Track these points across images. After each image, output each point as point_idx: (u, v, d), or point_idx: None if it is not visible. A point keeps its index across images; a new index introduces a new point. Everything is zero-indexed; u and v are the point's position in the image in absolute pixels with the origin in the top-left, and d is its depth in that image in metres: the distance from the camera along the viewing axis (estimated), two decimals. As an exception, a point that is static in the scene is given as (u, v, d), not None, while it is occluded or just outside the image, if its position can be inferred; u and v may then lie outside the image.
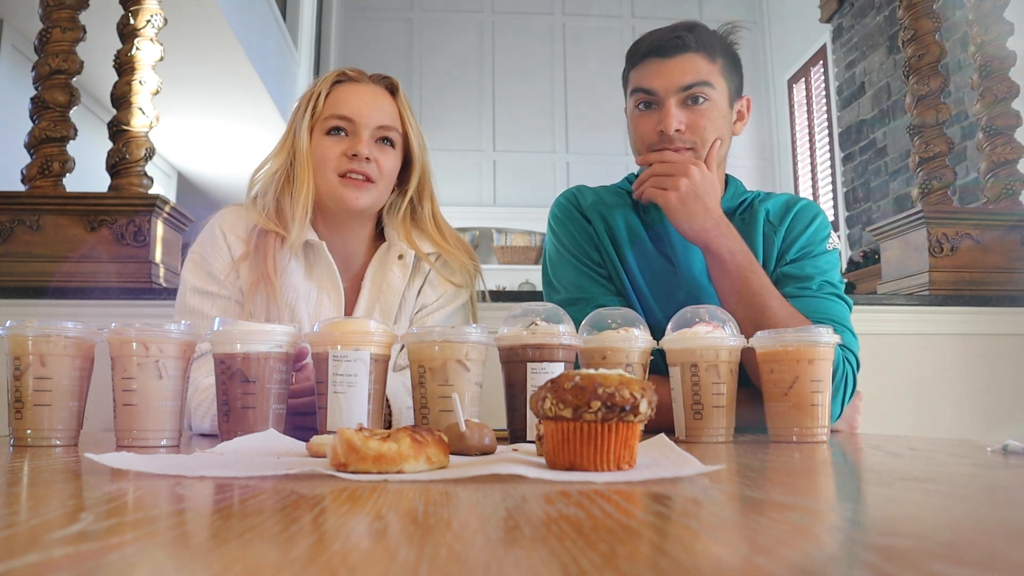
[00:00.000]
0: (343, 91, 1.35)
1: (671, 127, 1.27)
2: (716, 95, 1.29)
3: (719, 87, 1.30)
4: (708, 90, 1.28)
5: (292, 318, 1.29)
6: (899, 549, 0.35)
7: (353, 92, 1.35)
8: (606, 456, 0.58)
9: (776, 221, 1.35)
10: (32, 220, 2.02)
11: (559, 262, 1.38)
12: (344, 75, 1.38)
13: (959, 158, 4.22)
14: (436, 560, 0.31)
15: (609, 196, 1.41)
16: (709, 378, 0.98)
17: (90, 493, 0.53)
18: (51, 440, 0.90)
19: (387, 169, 1.34)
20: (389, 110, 1.36)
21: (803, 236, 1.33)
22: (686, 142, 1.28)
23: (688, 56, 1.28)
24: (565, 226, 1.39)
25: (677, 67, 1.28)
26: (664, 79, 1.28)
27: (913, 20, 2.43)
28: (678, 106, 1.28)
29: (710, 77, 1.28)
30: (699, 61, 1.29)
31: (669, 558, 0.32)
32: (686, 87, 1.28)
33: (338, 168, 1.31)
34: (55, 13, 2.13)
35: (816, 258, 1.31)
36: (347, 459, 0.57)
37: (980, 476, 0.63)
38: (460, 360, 0.92)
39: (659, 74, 1.29)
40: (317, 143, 1.33)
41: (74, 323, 0.93)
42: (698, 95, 1.28)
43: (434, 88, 7.46)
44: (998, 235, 2.28)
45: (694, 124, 1.28)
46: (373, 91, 1.37)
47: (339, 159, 1.31)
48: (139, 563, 0.32)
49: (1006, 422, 2.07)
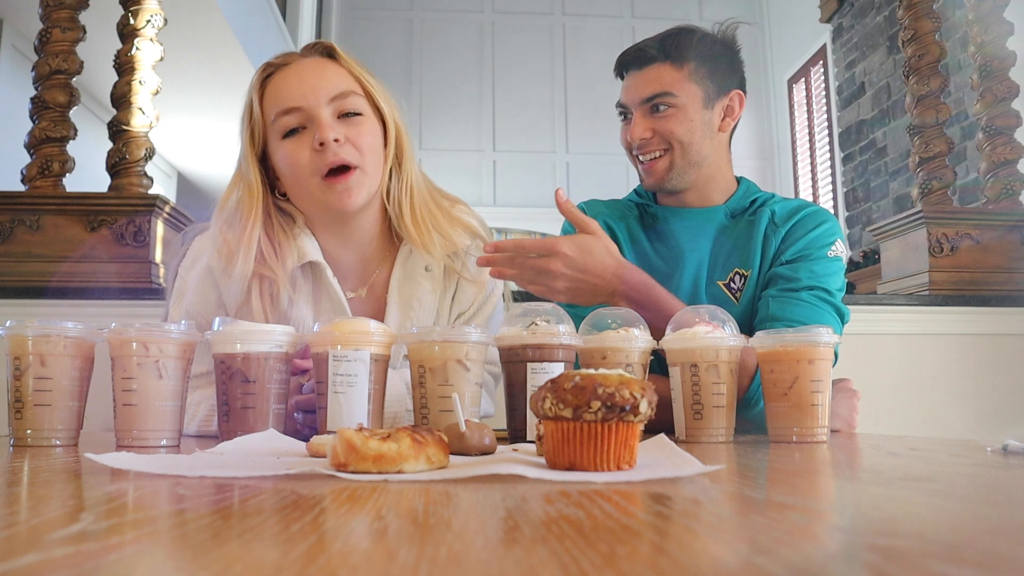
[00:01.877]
0: (276, 83, 1.16)
1: (635, 137, 1.34)
2: (680, 101, 1.32)
3: (686, 93, 1.32)
4: (671, 99, 1.32)
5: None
6: (899, 549, 0.35)
7: (287, 76, 1.16)
8: (606, 456, 0.58)
9: (780, 223, 1.35)
10: (32, 220, 2.02)
11: None
12: (270, 65, 1.18)
13: (959, 158, 4.22)
14: (436, 560, 0.31)
15: (615, 209, 1.46)
16: (709, 378, 0.98)
17: (90, 493, 0.53)
18: (51, 440, 0.90)
19: (366, 144, 1.14)
20: (336, 75, 1.15)
21: (803, 240, 1.33)
22: (655, 149, 1.34)
23: (653, 67, 1.34)
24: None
25: (641, 79, 1.34)
26: (631, 92, 1.36)
27: (913, 20, 2.43)
28: (643, 116, 1.34)
29: (674, 85, 1.32)
30: (664, 71, 1.33)
31: (669, 558, 0.32)
32: (647, 99, 1.33)
33: (314, 169, 1.12)
34: (55, 13, 2.13)
35: (812, 262, 1.30)
36: (347, 459, 0.57)
37: (980, 476, 0.63)
38: (460, 360, 0.92)
39: (627, 88, 1.37)
40: (280, 154, 1.14)
41: (74, 323, 0.93)
42: (660, 104, 1.32)
43: (434, 88, 7.47)
44: (998, 235, 2.28)
45: (660, 129, 1.33)
46: (308, 65, 1.16)
47: (311, 158, 1.12)
48: (139, 563, 0.32)
49: (1006, 422, 2.07)
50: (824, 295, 1.28)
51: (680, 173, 1.35)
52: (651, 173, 1.36)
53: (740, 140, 1.52)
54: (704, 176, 1.37)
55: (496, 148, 7.58)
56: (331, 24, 7.46)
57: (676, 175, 1.35)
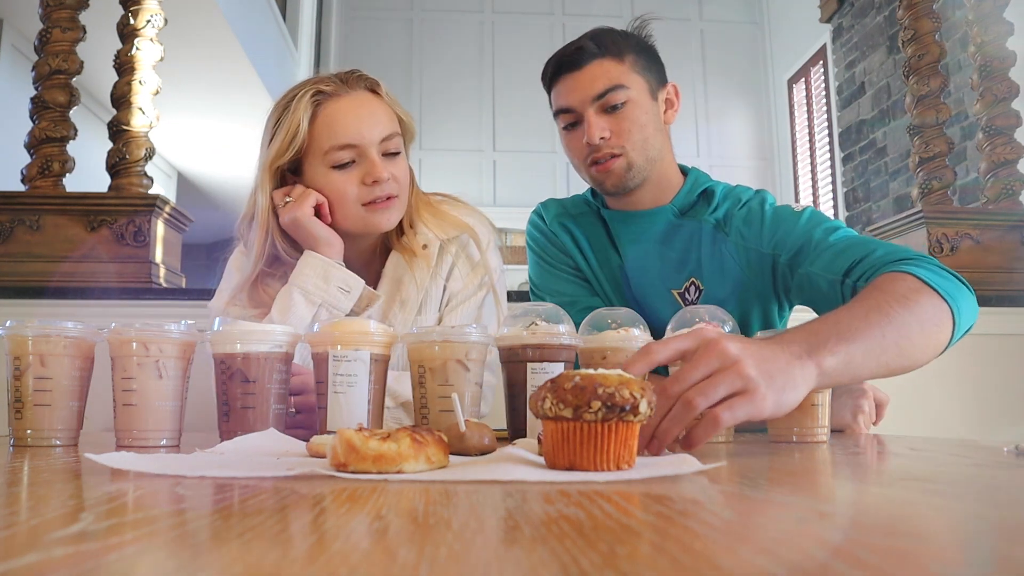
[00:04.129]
0: (331, 113, 1.22)
1: (595, 137, 1.27)
2: (634, 94, 1.28)
3: (635, 85, 1.28)
4: (623, 92, 1.27)
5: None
6: (899, 549, 0.35)
7: (343, 111, 1.22)
8: (606, 456, 0.58)
9: (729, 230, 1.30)
10: (32, 220, 2.02)
11: (540, 274, 1.44)
12: (320, 92, 1.23)
13: (959, 158, 4.22)
14: (436, 560, 0.31)
15: (573, 206, 1.44)
16: (709, 378, 0.97)
17: (90, 493, 0.53)
18: (51, 440, 0.90)
19: (403, 178, 1.26)
20: (385, 117, 1.25)
21: (777, 234, 1.25)
22: (614, 148, 1.28)
23: (595, 63, 1.28)
24: (538, 241, 1.45)
25: (587, 76, 1.28)
26: (577, 92, 1.29)
27: (913, 20, 2.43)
28: (597, 114, 1.28)
29: (622, 78, 1.27)
30: (607, 65, 1.28)
31: (669, 558, 0.32)
32: (599, 95, 1.27)
33: (361, 199, 1.22)
34: (55, 13, 2.13)
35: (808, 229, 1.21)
36: (347, 459, 0.57)
37: (980, 476, 0.63)
38: (460, 360, 0.92)
39: (571, 88, 1.30)
40: (327, 181, 1.22)
41: (74, 323, 0.93)
42: (614, 101, 1.27)
43: (434, 88, 7.47)
44: (998, 235, 2.28)
45: (618, 129, 1.28)
46: (360, 102, 1.24)
47: (359, 190, 1.22)
48: (139, 563, 0.32)
49: (1006, 422, 2.07)
50: (845, 231, 1.20)
51: (639, 171, 1.30)
52: (610, 174, 1.30)
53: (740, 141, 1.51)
54: (656, 173, 1.33)
55: (496, 148, 7.58)
56: (331, 24, 7.46)
57: (636, 174, 1.30)
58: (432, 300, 1.31)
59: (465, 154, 7.44)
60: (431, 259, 1.30)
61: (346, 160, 1.22)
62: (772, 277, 1.27)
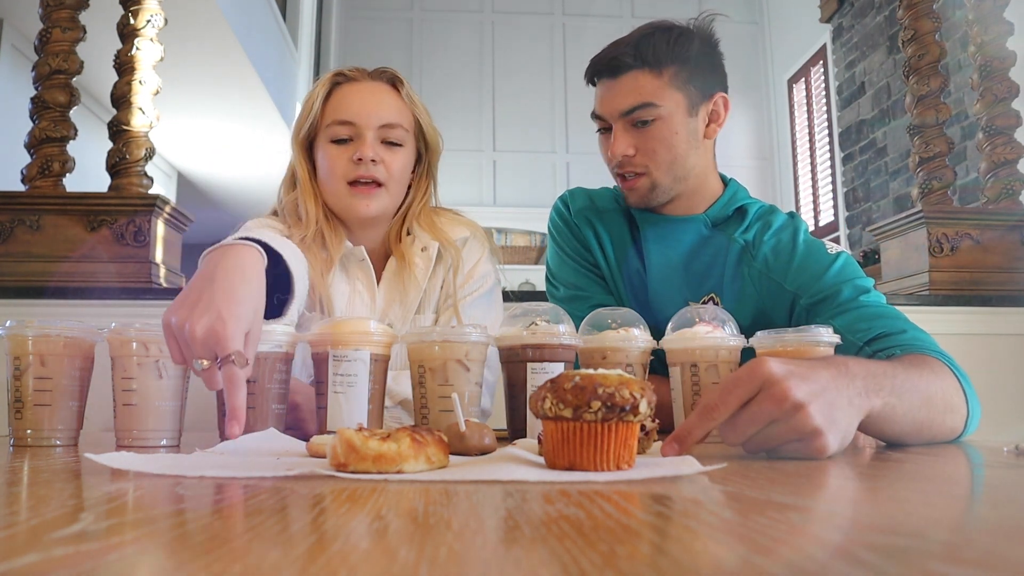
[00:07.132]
0: (342, 93, 1.30)
1: (618, 153, 1.24)
2: (665, 111, 1.22)
3: (669, 101, 1.22)
4: (653, 110, 1.22)
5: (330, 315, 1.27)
6: (899, 549, 0.35)
7: (352, 92, 1.30)
8: (606, 456, 0.58)
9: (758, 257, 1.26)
10: (32, 220, 2.02)
11: (558, 262, 1.42)
12: (342, 75, 1.32)
13: (959, 158, 4.22)
14: (436, 560, 0.31)
15: (601, 200, 1.41)
16: (709, 378, 0.98)
17: (90, 493, 0.53)
18: (51, 440, 0.90)
19: (396, 170, 1.28)
20: (393, 106, 1.30)
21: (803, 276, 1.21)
22: (637, 167, 1.25)
23: (630, 75, 1.22)
24: (559, 229, 1.42)
25: (619, 89, 1.23)
26: (608, 104, 1.25)
27: (913, 20, 2.43)
28: (624, 130, 1.24)
29: (655, 95, 1.21)
30: (642, 78, 1.22)
31: (669, 558, 0.32)
32: (628, 111, 1.22)
33: (346, 175, 1.26)
34: (55, 13, 2.13)
35: (838, 283, 1.18)
36: (347, 459, 0.57)
37: (980, 476, 0.63)
38: (460, 360, 0.92)
39: (604, 98, 1.26)
40: (324, 153, 1.29)
41: (74, 323, 0.93)
42: (642, 118, 1.22)
43: (434, 88, 7.46)
44: (998, 235, 2.28)
45: (644, 147, 1.23)
46: (373, 89, 1.31)
47: (346, 166, 1.26)
48: (139, 563, 0.32)
49: (1006, 422, 2.07)
50: (869, 294, 1.18)
51: (665, 191, 1.27)
52: (633, 191, 1.28)
53: (740, 140, 1.51)
54: (689, 188, 1.29)
55: (496, 148, 7.58)
56: (331, 24, 7.46)
57: (660, 193, 1.27)
58: (431, 300, 1.34)
59: (465, 154, 7.43)
60: (430, 261, 1.33)
61: (343, 136, 1.27)
62: (788, 313, 1.24)
